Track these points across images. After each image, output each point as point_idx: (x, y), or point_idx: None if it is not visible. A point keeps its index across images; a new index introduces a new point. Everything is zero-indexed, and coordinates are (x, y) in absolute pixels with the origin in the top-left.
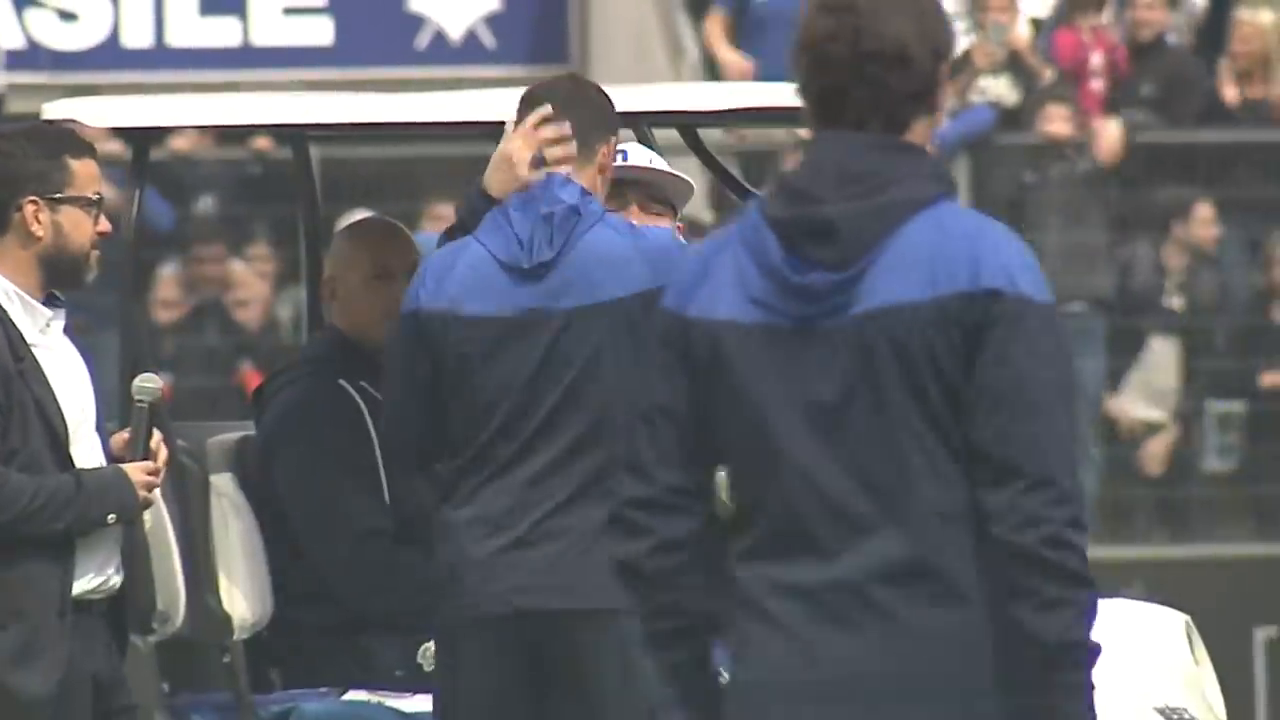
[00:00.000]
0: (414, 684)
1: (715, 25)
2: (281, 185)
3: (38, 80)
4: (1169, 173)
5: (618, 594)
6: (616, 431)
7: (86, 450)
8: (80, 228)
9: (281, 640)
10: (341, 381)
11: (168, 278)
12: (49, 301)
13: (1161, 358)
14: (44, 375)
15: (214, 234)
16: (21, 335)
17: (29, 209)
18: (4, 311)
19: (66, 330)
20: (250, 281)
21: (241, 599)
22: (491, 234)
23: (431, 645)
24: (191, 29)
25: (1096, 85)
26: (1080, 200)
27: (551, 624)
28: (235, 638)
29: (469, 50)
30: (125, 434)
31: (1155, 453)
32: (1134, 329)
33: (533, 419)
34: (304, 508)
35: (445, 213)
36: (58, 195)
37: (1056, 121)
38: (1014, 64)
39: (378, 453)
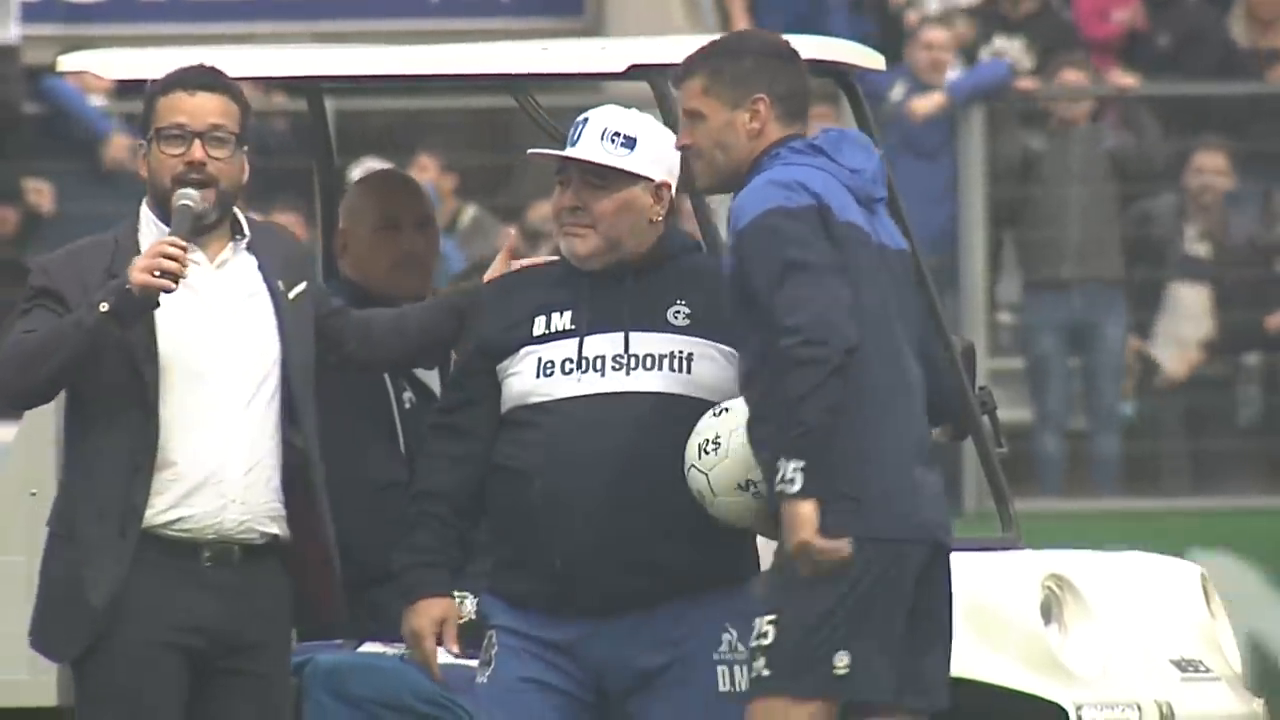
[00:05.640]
0: None
1: None
2: (297, 138)
3: (52, 32)
4: (1183, 125)
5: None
6: None
7: (218, 401)
8: (163, 164)
9: None
10: None
11: None
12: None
13: (1191, 307)
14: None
15: None
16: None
17: (140, 154)
18: (137, 242)
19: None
20: None
21: None
22: (821, 171)
23: (462, 597)
24: None
25: (1114, 40)
26: (1096, 171)
27: (938, 557)
28: None
29: (483, 2)
30: None
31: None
32: (1156, 279)
33: (901, 346)
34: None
35: (427, 163)
36: (147, 137)
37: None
38: (1029, 23)
39: (394, 405)
